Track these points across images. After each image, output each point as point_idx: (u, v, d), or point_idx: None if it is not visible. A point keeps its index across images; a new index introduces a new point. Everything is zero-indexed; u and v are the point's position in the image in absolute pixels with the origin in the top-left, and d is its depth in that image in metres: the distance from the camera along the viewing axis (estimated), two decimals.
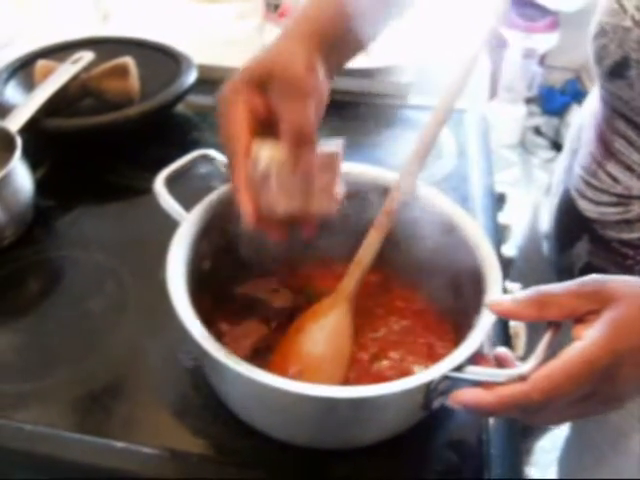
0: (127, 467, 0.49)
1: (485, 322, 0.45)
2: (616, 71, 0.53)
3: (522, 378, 0.38)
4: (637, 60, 0.51)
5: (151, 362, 0.57)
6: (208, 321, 0.46)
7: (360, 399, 0.41)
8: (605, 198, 0.58)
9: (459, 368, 0.41)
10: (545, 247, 0.73)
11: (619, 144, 0.56)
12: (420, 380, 0.41)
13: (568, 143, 0.69)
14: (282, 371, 0.48)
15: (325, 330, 0.51)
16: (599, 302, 0.39)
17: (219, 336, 0.53)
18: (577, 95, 2.67)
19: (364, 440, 0.48)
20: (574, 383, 0.37)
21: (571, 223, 0.64)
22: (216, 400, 0.50)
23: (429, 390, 0.42)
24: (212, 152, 0.60)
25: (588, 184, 0.60)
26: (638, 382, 0.39)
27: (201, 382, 0.52)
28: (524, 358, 0.40)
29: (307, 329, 0.52)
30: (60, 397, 0.54)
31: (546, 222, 0.72)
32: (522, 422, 0.43)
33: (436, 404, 0.44)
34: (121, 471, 0.49)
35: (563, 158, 0.69)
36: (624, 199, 0.56)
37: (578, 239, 0.63)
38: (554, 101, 2.75)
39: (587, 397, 0.38)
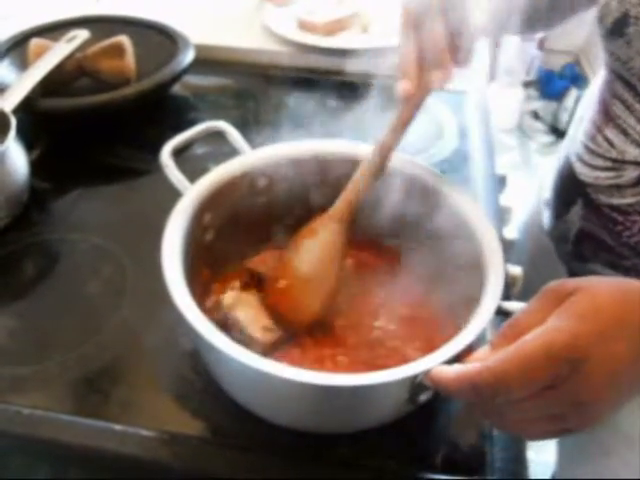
0: (126, 450, 0.48)
1: (482, 316, 0.43)
2: (616, 29, 0.53)
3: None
4: (636, 16, 0.51)
5: (150, 345, 0.56)
6: (207, 292, 0.45)
7: (339, 387, 0.40)
8: (600, 162, 0.58)
9: (449, 362, 0.40)
10: (544, 215, 0.74)
11: (617, 108, 0.56)
12: (403, 374, 0.40)
13: (578, 112, 0.69)
14: (274, 284, 0.52)
15: (314, 249, 0.53)
16: (561, 299, 0.38)
17: (217, 306, 0.53)
18: (576, 79, 2.66)
19: (361, 425, 0.48)
20: (528, 368, 0.35)
21: (568, 187, 0.65)
22: (216, 383, 0.50)
23: (414, 384, 0.41)
24: (222, 124, 0.59)
25: (587, 148, 0.61)
26: (610, 382, 0.36)
27: (201, 365, 0.52)
28: None
29: (299, 246, 0.53)
30: (58, 381, 0.53)
31: (547, 191, 0.72)
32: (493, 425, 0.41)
33: (423, 398, 0.43)
34: (120, 454, 0.48)
35: (570, 129, 0.70)
36: (617, 164, 0.56)
37: (573, 203, 0.63)
38: (553, 85, 2.74)
39: (550, 389, 0.36)
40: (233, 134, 0.60)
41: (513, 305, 0.45)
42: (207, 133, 0.59)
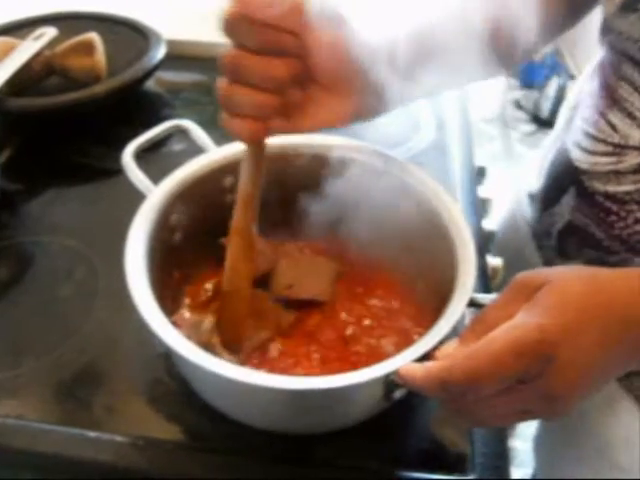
0: (101, 457, 0.47)
1: (454, 310, 0.43)
2: (629, 4, 0.51)
3: None
4: None
5: (124, 348, 0.55)
6: (178, 295, 0.44)
7: (309, 391, 0.40)
8: (601, 147, 0.56)
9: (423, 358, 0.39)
10: (526, 208, 0.72)
11: (624, 90, 0.54)
12: (374, 374, 0.39)
13: (571, 97, 0.67)
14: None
15: (227, 266, 0.50)
16: (530, 293, 0.38)
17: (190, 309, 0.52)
18: (556, 68, 2.67)
19: (337, 424, 0.47)
20: (498, 364, 0.34)
21: (561, 175, 0.63)
22: (189, 386, 0.49)
23: (386, 382, 0.40)
24: (186, 122, 0.58)
25: (587, 134, 0.58)
26: (580, 375, 0.36)
27: (174, 367, 0.51)
28: None
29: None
30: (30, 388, 0.52)
31: (534, 182, 0.70)
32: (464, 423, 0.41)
33: (397, 394, 0.43)
34: (95, 461, 0.47)
35: (562, 114, 0.68)
36: (619, 149, 0.54)
37: (564, 192, 0.61)
38: (533, 74, 2.74)
39: (520, 384, 0.36)
40: (197, 132, 0.58)
41: (486, 298, 0.45)
42: (171, 132, 0.58)
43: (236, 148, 0.56)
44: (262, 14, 0.38)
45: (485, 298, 0.45)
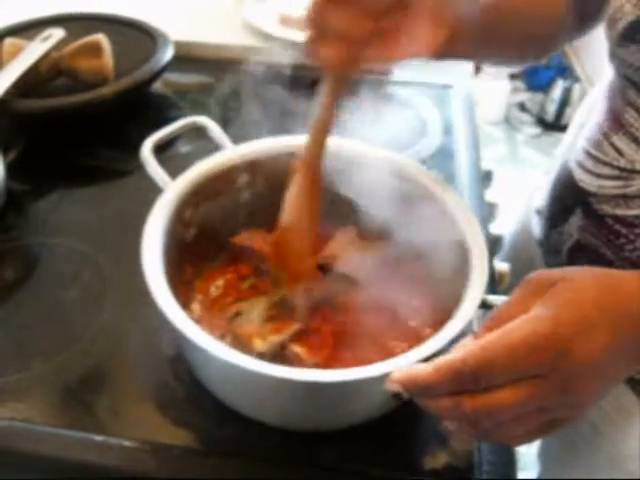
0: (107, 461, 0.47)
1: (466, 309, 0.43)
2: (628, 35, 0.51)
3: None
4: None
5: (131, 351, 0.55)
6: (190, 290, 0.44)
7: (322, 383, 0.40)
8: (606, 171, 0.56)
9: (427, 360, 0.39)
10: (535, 224, 0.72)
11: (629, 115, 0.54)
12: (384, 369, 0.39)
13: (577, 118, 0.67)
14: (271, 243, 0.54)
15: (289, 200, 0.52)
16: (544, 290, 0.38)
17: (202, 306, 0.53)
18: (562, 70, 2.66)
19: (348, 420, 0.47)
20: (511, 354, 0.34)
21: (566, 196, 0.62)
22: (198, 389, 0.49)
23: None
24: (204, 119, 0.58)
25: (590, 155, 0.58)
26: (595, 370, 0.36)
27: (182, 371, 0.51)
28: None
29: (284, 202, 0.53)
30: (36, 391, 0.52)
31: (540, 198, 0.70)
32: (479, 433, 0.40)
33: (407, 396, 0.42)
34: (101, 465, 0.47)
35: (569, 134, 0.68)
36: (626, 173, 0.54)
37: (571, 213, 0.61)
38: (539, 77, 2.74)
39: (535, 379, 0.35)
40: (214, 129, 0.59)
41: (498, 299, 0.45)
42: (188, 129, 0.59)
43: (252, 147, 0.57)
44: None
45: (497, 299, 0.45)
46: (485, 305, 0.45)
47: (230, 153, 0.57)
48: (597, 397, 0.38)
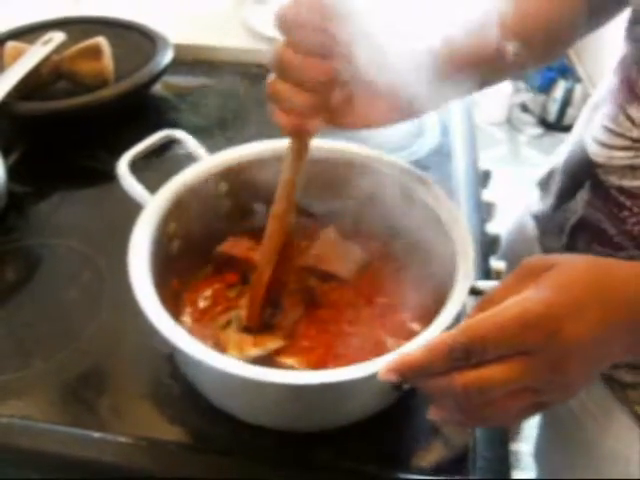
0: (105, 458, 0.48)
1: (456, 296, 0.43)
2: None
3: None
4: None
5: (128, 350, 0.55)
6: (178, 302, 0.44)
7: (314, 385, 0.40)
8: (619, 141, 0.56)
9: None
10: (532, 227, 0.72)
11: None
12: (371, 369, 0.40)
13: (593, 98, 0.67)
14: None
15: (261, 251, 0.52)
16: (537, 274, 0.39)
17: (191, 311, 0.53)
18: (563, 71, 2.66)
19: (338, 422, 0.48)
20: (502, 331, 0.35)
21: (577, 169, 0.63)
22: (193, 387, 0.49)
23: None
24: (178, 133, 0.59)
25: (605, 128, 0.58)
26: (584, 352, 0.37)
27: (178, 369, 0.51)
28: None
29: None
30: (36, 389, 0.52)
31: (536, 202, 0.70)
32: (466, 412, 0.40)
33: (406, 386, 0.43)
34: (98, 462, 0.48)
35: (583, 113, 0.68)
36: (638, 143, 0.54)
37: (580, 187, 0.61)
38: (540, 77, 2.73)
39: (525, 355, 0.36)
40: (189, 142, 0.59)
41: (487, 284, 0.46)
42: (163, 142, 0.59)
43: (227, 155, 0.57)
44: (316, 18, 0.39)
45: (486, 285, 0.45)
46: (475, 292, 0.46)
47: (207, 163, 0.57)
48: (585, 379, 0.39)
